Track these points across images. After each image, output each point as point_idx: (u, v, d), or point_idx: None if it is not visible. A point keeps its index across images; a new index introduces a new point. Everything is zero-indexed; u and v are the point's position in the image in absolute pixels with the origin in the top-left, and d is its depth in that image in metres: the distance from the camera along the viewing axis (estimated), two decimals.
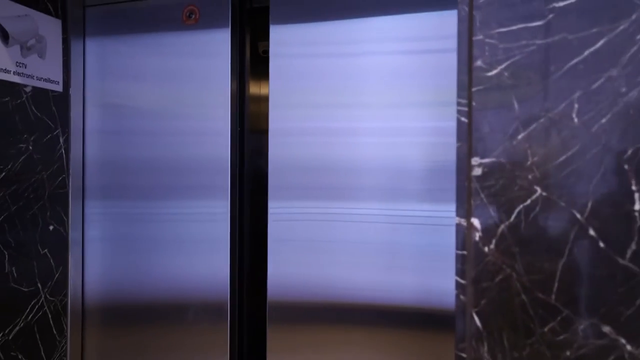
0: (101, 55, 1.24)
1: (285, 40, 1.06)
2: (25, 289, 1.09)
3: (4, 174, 1.04)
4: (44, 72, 1.14)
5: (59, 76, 1.18)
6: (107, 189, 1.21)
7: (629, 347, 0.60)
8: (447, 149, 0.93)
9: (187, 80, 1.14)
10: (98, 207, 1.22)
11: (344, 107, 1.01)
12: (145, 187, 1.18)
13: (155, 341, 1.17)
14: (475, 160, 0.66)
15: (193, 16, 1.16)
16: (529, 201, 0.64)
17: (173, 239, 1.15)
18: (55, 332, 1.17)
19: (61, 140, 1.17)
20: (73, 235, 1.21)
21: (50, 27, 1.15)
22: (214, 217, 1.12)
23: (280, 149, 1.06)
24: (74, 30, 1.22)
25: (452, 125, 0.80)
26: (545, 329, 0.63)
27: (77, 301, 1.22)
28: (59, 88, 1.18)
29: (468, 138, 0.66)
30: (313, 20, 1.04)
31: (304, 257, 1.04)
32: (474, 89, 0.65)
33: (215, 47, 1.13)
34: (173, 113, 1.15)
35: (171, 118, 1.15)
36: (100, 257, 1.22)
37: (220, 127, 1.12)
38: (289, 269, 1.05)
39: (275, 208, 1.06)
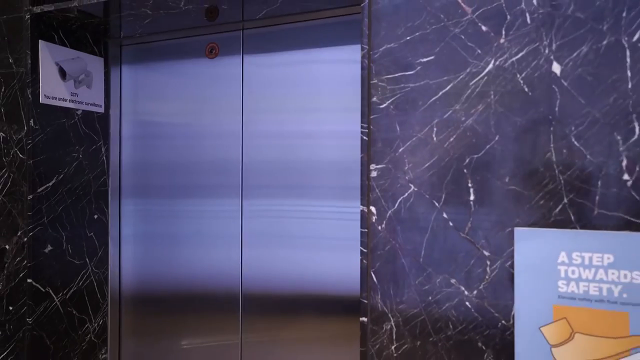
0: (134, 81, 1.62)
1: (255, 64, 1.40)
2: (77, 262, 1.49)
3: (62, 175, 1.44)
4: (91, 98, 1.54)
5: (101, 101, 1.57)
6: (138, 188, 1.60)
7: (466, 292, 0.90)
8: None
9: (207, 96, 1.49)
10: (130, 203, 1.61)
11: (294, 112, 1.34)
12: (168, 187, 1.55)
13: (178, 314, 1.54)
14: (372, 166, 0.97)
15: (214, 51, 1.51)
16: (406, 194, 0.95)
17: (192, 230, 1.52)
18: (99, 296, 1.56)
19: (103, 150, 1.57)
20: (112, 222, 1.60)
21: (95, 64, 1.55)
22: (228, 214, 1.46)
23: (253, 150, 1.39)
24: (113, 64, 1.61)
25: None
26: (416, 282, 0.94)
27: (115, 273, 1.61)
28: (101, 110, 1.57)
29: (368, 151, 0.97)
30: (267, 52, 1.38)
31: (274, 250, 1.37)
32: (371, 117, 0.97)
33: (229, 71, 1.48)
34: (194, 123, 1.51)
35: (192, 126, 1.51)
36: (133, 242, 1.61)
37: (233, 131, 1.46)
38: (261, 262, 1.38)
39: (249, 206, 1.40)
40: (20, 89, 1.36)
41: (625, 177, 0.79)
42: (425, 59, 0.93)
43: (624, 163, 0.80)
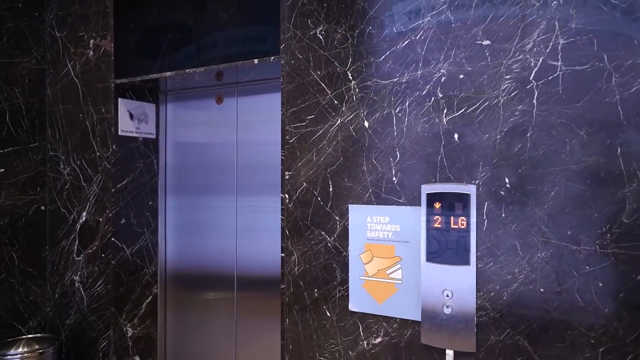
0: (173, 117, 2.61)
1: (244, 103, 2.32)
2: (139, 230, 2.49)
3: (130, 177, 2.44)
4: (147, 130, 2.53)
5: (153, 130, 2.57)
6: (174, 186, 2.57)
7: (328, 238, 1.77)
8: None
9: (217, 121, 2.45)
10: (172, 198, 2.59)
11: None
12: (191, 185, 2.51)
13: (201, 272, 2.50)
14: (286, 173, 1.86)
15: (220, 99, 2.47)
16: (301, 188, 1.83)
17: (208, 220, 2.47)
18: (152, 252, 2.56)
19: (155, 161, 2.56)
20: (160, 207, 2.59)
21: (150, 108, 2.55)
22: (226, 209, 2.41)
23: (243, 154, 2.32)
24: (161, 106, 2.60)
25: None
26: (306, 234, 1.82)
27: (162, 239, 2.60)
28: (153, 136, 2.57)
29: (287, 164, 1.86)
30: (253, 94, 2.29)
31: (255, 239, 2.28)
32: (286, 147, 1.86)
33: (228, 109, 2.42)
34: (208, 139, 2.47)
35: (207, 141, 2.47)
36: (173, 221, 2.59)
37: (229, 140, 2.40)
38: (253, 250, 2.30)
39: (242, 201, 2.32)
40: (108, 127, 2.37)
41: (394, 179, 1.63)
42: (309, 117, 1.81)
43: (393, 172, 1.63)
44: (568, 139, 1.37)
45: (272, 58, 1.91)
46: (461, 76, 1.52)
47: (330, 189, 1.77)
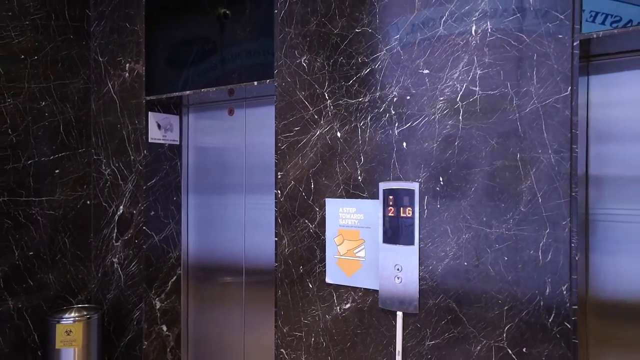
0: (194, 126, 3.11)
1: (251, 113, 2.79)
2: (165, 221, 3.00)
3: (158, 177, 2.95)
4: (172, 137, 3.03)
5: (177, 138, 3.07)
6: (194, 185, 3.07)
7: (311, 225, 2.21)
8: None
9: (229, 129, 2.93)
10: (193, 195, 3.09)
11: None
12: (207, 185, 3.00)
13: (216, 259, 2.99)
14: (278, 173, 2.32)
15: (232, 112, 2.95)
16: (290, 185, 2.28)
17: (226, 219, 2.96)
18: (177, 239, 3.06)
19: (179, 163, 3.06)
20: (182, 202, 3.09)
21: (174, 119, 3.05)
22: (237, 206, 2.89)
23: (249, 156, 2.79)
24: (183, 117, 3.10)
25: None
26: (294, 222, 2.27)
27: (185, 229, 3.10)
28: (177, 142, 3.07)
29: (279, 166, 2.32)
30: (258, 107, 2.75)
31: (267, 234, 2.75)
32: (278, 152, 2.32)
33: (238, 119, 2.90)
34: (222, 144, 2.95)
35: (221, 146, 2.95)
36: (194, 214, 3.08)
37: (239, 145, 2.87)
38: (258, 241, 2.77)
39: (249, 199, 2.79)
40: (140, 135, 2.89)
41: (359, 178, 2.06)
42: (296, 128, 2.25)
43: (358, 172, 2.06)
44: (484, 147, 1.76)
45: (268, 81, 2.37)
46: (408, 97, 1.94)
47: (312, 186, 2.21)
